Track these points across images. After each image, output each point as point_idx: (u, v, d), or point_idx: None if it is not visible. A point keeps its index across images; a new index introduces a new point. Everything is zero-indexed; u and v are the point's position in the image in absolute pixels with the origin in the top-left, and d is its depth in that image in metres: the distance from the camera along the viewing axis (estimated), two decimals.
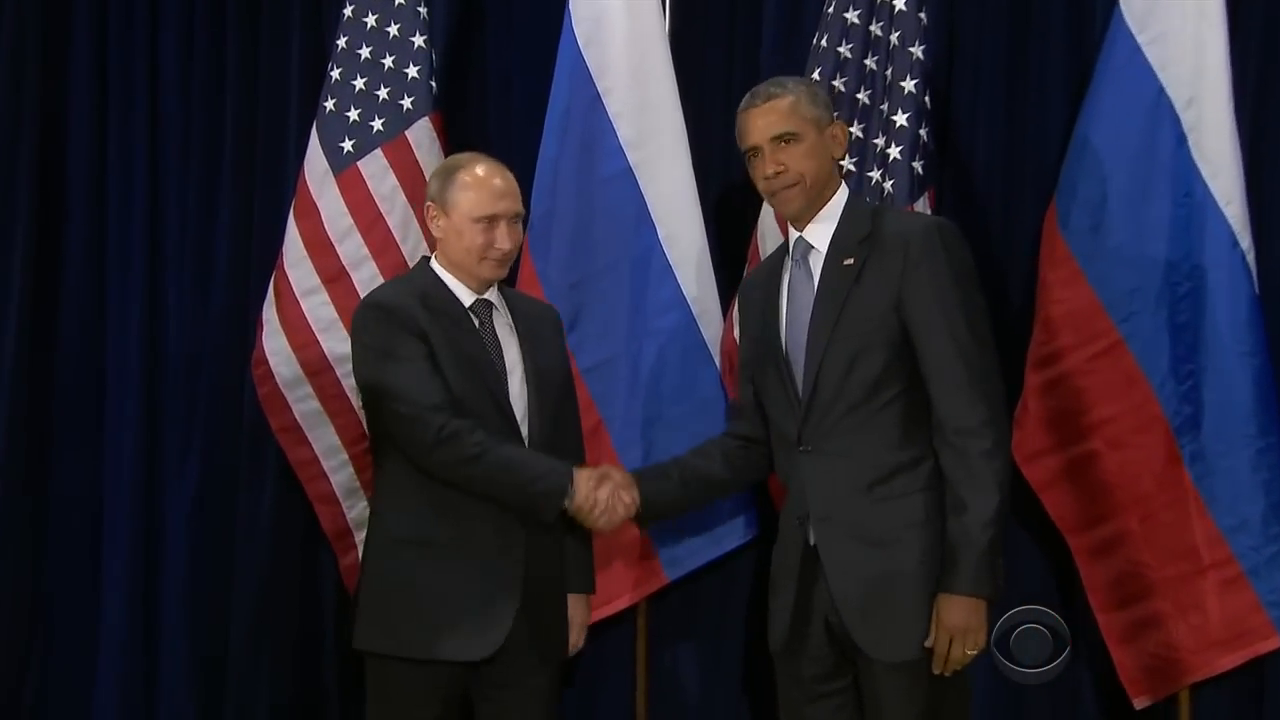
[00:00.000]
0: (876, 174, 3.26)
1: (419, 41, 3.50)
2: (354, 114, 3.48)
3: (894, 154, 3.23)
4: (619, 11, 3.37)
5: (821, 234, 2.78)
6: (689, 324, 3.36)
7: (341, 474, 3.49)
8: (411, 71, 3.49)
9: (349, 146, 3.47)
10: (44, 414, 3.80)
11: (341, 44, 3.52)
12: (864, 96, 3.33)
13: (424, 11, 3.52)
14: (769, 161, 2.76)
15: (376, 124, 3.47)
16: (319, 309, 3.45)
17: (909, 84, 3.22)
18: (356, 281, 3.42)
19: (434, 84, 3.51)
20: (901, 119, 3.23)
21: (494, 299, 2.90)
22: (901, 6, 3.26)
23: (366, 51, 3.50)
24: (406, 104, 3.48)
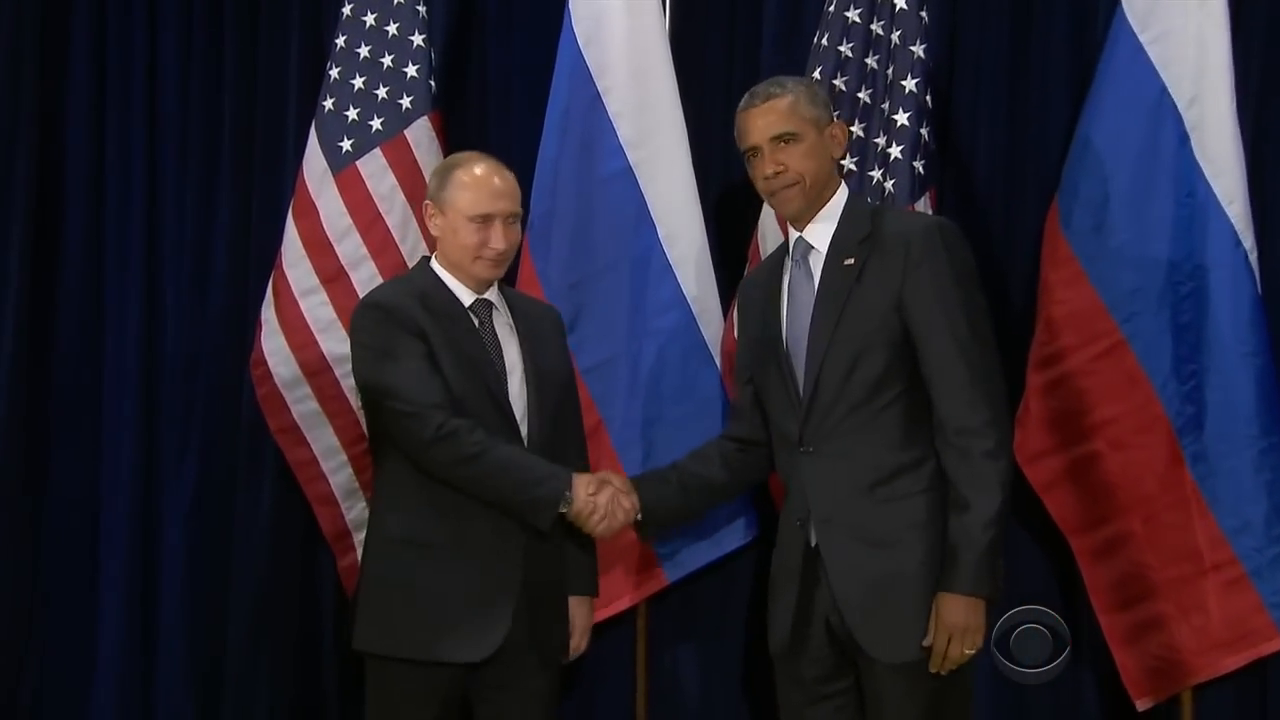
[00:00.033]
0: (877, 173, 3.25)
1: (418, 40, 3.49)
2: (353, 113, 3.47)
3: (895, 153, 3.22)
4: (619, 10, 3.37)
5: (821, 234, 2.77)
6: (689, 324, 3.35)
7: (340, 475, 3.48)
8: (410, 70, 3.48)
9: (348, 146, 3.46)
10: (42, 414, 3.79)
11: (340, 43, 3.52)
12: (865, 96, 3.32)
13: (423, 10, 3.51)
14: (768, 161, 2.75)
15: (375, 123, 3.46)
16: (318, 309, 3.44)
17: (910, 83, 3.22)
18: (355, 281, 3.41)
19: (433, 83, 3.50)
20: (902, 118, 3.22)
21: (494, 299, 2.89)
22: (902, 5, 3.25)
23: (365, 50, 3.49)
24: (405, 103, 3.47)
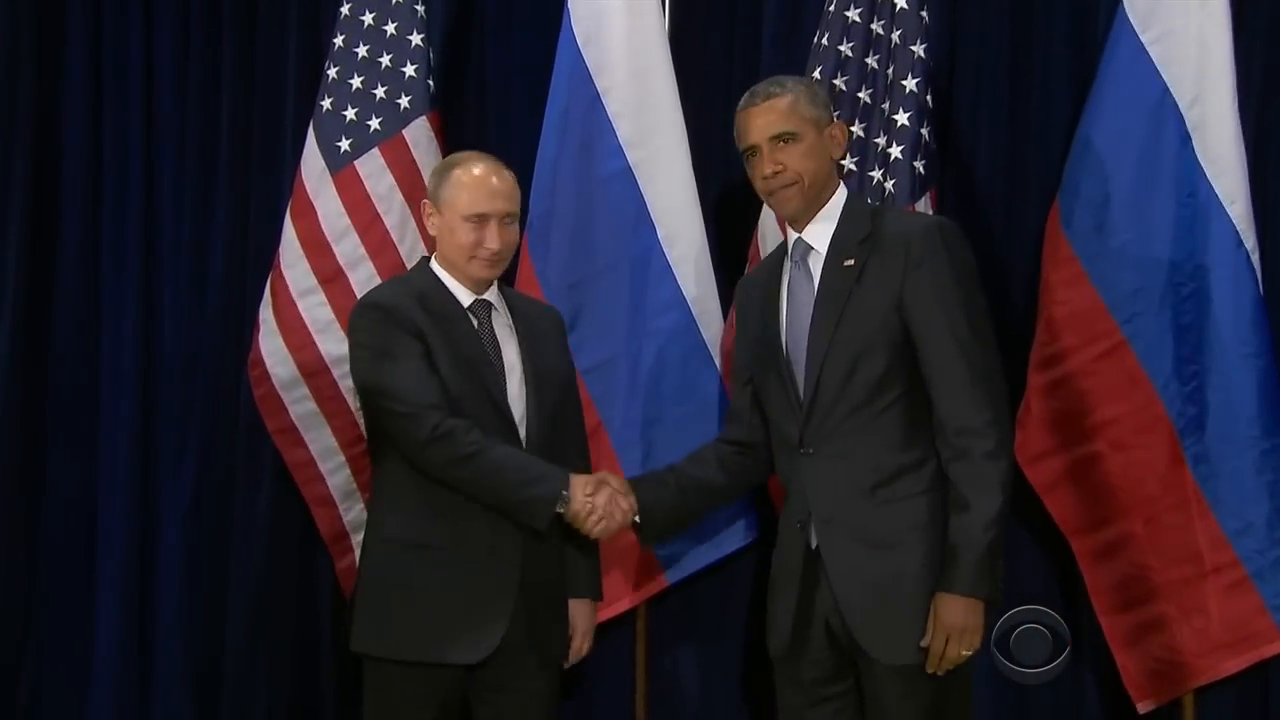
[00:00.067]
0: (878, 174, 3.25)
1: (416, 40, 3.48)
2: (351, 113, 3.46)
3: (895, 153, 3.22)
4: (618, 10, 3.36)
5: (821, 235, 2.76)
6: (689, 324, 3.34)
7: (338, 476, 3.47)
8: (409, 70, 3.47)
9: (346, 146, 3.45)
10: (39, 414, 3.78)
11: (338, 42, 3.51)
12: (865, 95, 3.31)
13: (421, 9, 3.50)
14: (767, 161, 2.74)
15: (374, 123, 3.45)
16: (316, 310, 3.43)
17: (910, 83, 3.21)
18: (354, 282, 3.40)
19: (432, 83, 3.49)
20: (903, 118, 3.21)
21: (493, 299, 2.88)
22: (903, 4, 3.25)
23: (364, 50, 3.48)
24: (404, 103, 3.46)
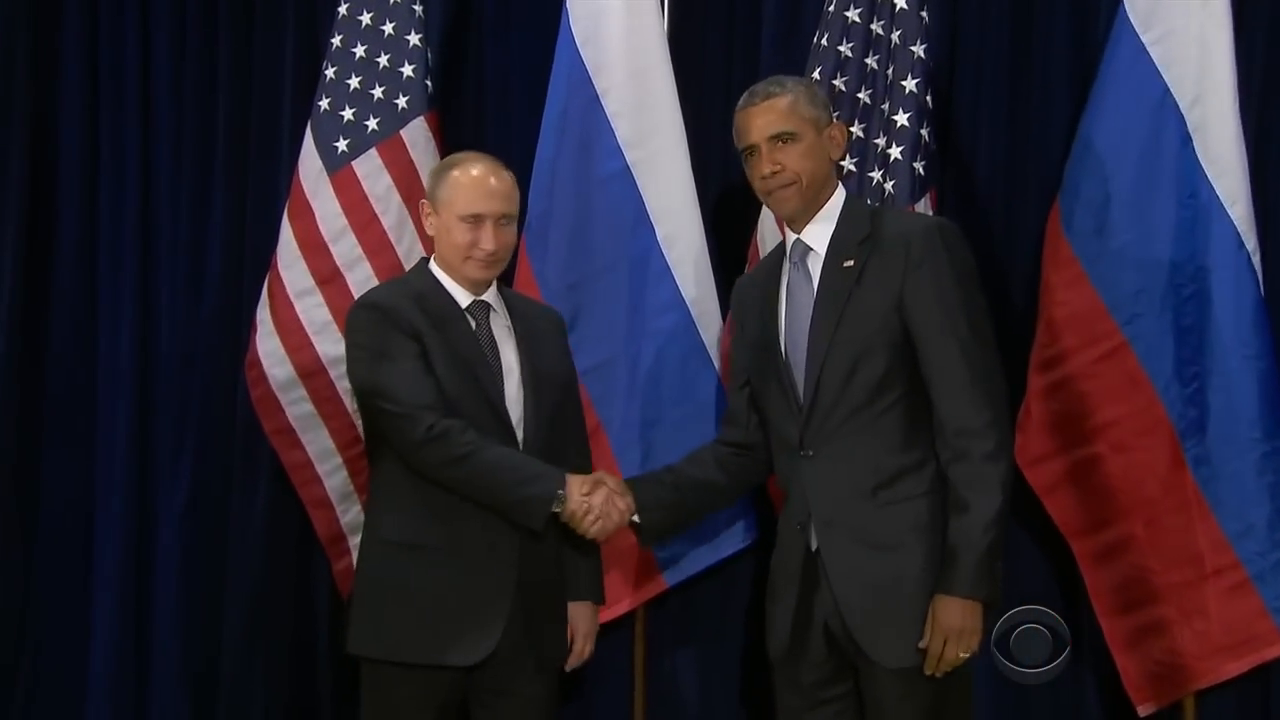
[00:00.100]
0: (877, 174, 3.24)
1: (414, 40, 3.47)
2: (349, 113, 3.45)
3: (895, 154, 3.21)
4: (617, 10, 3.35)
5: (820, 235, 2.75)
6: (688, 325, 3.33)
7: (336, 478, 3.46)
8: (407, 70, 3.46)
9: (343, 146, 3.44)
10: (35, 414, 3.77)
11: (336, 42, 3.50)
12: (865, 96, 3.30)
13: (419, 9, 3.49)
14: (766, 161, 2.73)
15: (371, 123, 3.44)
16: (313, 310, 3.42)
17: (910, 83, 3.20)
18: (351, 283, 3.39)
19: (429, 83, 3.48)
20: (903, 119, 3.20)
21: (492, 300, 2.87)
22: (903, 5, 3.24)
23: (361, 50, 3.47)
24: (402, 103, 3.45)
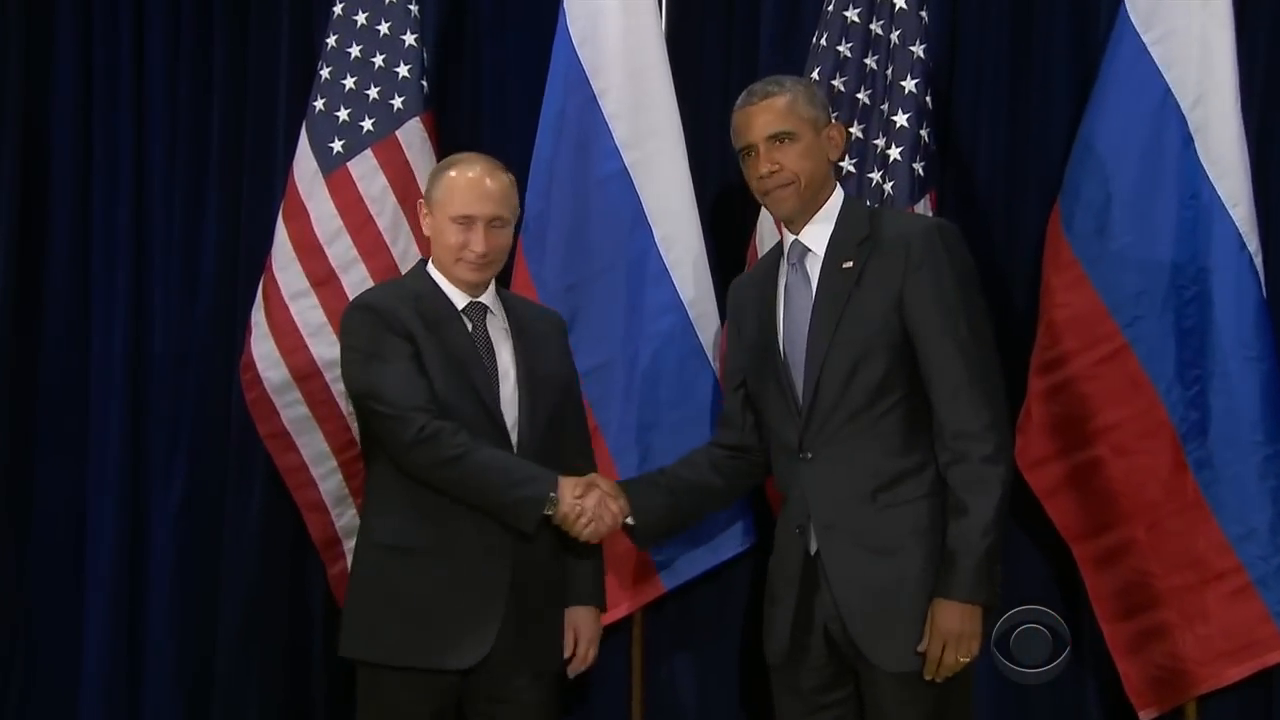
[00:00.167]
0: (877, 175, 3.23)
1: (410, 40, 3.46)
2: (344, 114, 3.44)
3: (894, 155, 3.20)
4: (614, 10, 3.34)
5: (818, 236, 2.74)
6: (686, 327, 3.32)
7: (330, 481, 3.45)
8: (402, 70, 3.45)
9: (339, 147, 3.43)
10: (28, 415, 3.77)
11: (331, 42, 3.49)
12: (864, 96, 3.29)
13: (415, 9, 3.48)
14: (763, 160, 2.71)
15: (367, 124, 3.43)
16: (308, 312, 3.41)
17: (910, 83, 3.19)
18: (346, 284, 3.38)
19: (425, 83, 3.48)
20: (902, 119, 3.19)
21: (489, 302, 2.85)
22: (902, 5, 3.23)
23: (356, 50, 3.46)
24: (397, 104, 3.44)
